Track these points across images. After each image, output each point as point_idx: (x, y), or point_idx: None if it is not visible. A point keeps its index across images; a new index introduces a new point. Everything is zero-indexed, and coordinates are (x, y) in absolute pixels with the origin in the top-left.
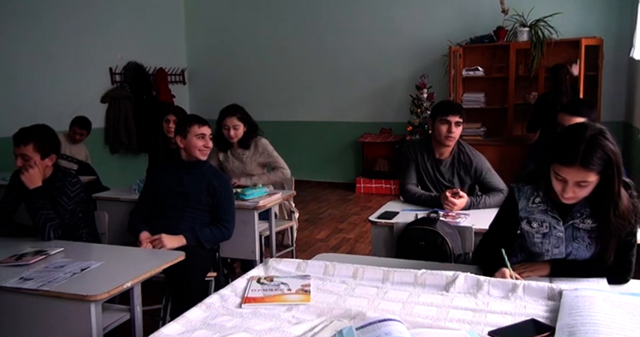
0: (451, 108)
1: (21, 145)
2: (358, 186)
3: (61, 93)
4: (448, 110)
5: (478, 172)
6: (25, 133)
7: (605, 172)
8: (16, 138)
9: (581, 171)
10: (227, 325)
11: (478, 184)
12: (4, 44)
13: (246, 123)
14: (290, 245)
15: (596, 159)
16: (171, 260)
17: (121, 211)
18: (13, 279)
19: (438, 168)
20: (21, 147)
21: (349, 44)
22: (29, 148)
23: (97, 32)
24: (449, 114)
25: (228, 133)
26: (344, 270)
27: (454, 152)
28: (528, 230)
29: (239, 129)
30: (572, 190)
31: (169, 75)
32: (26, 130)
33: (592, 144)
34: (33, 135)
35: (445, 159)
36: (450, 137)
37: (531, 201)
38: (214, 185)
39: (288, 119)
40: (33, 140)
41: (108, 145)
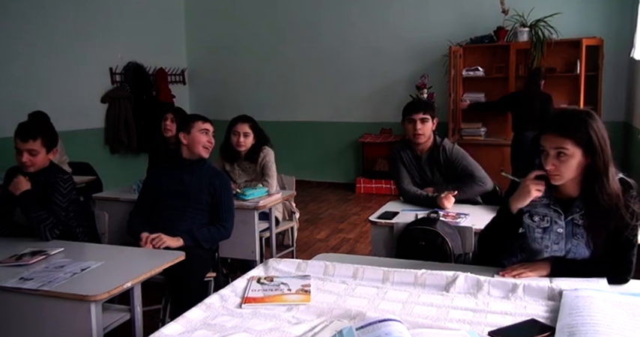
0: (414, 106)
1: (30, 141)
2: (358, 186)
3: (60, 93)
4: (412, 109)
5: (455, 163)
6: (32, 128)
7: (589, 150)
8: (23, 133)
9: (556, 138)
10: (227, 325)
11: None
12: (3, 43)
13: (256, 135)
14: (290, 245)
15: (572, 127)
16: (171, 260)
17: (121, 211)
18: (13, 279)
19: (419, 164)
20: (29, 143)
21: (349, 44)
22: (37, 143)
23: (97, 32)
24: (412, 113)
25: (238, 140)
26: (344, 270)
27: (431, 148)
28: (529, 224)
29: (249, 137)
30: (552, 162)
31: (169, 75)
32: (32, 125)
33: (571, 115)
34: (41, 130)
35: (423, 155)
36: (417, 134)
37: None
38: (215, 184)
39: (288, 119)
40: (41, 135)
41: (108, 145)
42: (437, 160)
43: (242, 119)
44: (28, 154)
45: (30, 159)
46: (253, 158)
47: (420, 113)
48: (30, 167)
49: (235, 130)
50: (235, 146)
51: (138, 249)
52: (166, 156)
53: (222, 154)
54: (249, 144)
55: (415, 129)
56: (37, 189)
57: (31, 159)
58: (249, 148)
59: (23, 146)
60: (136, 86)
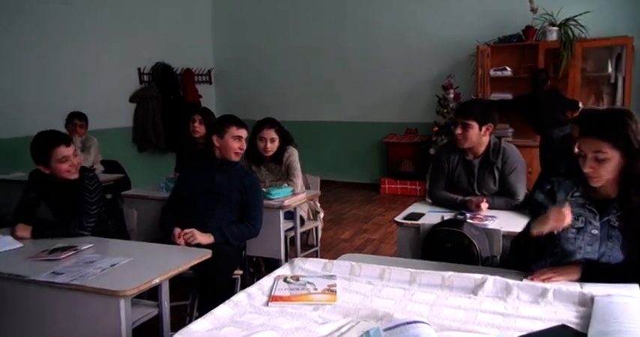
0: (458, 109)
1: (70, 143)
2: (383, 186)
3: (91, 93)
4: (456, 111)
5: (505, 173)
6: (63, 133)
7: (627, 152)
8: (65, 139)
9: (595, 141)
10: (254, 323)
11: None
12: (36, 45)
13: (281, 137)
14: (315, 245)
15: (610, 130)
16: (199, 257)
17: (149, 209)
18: (45, 273)
19: (470, 169)
20: (71, 145)
21: (375, 44)
22: (71, 148)
23: (127, 34)
24: (456, 115)
25: (265, 146)
26: (370, 271)
27: (485, 152)
28: None
29: (275, 142)
30: (590, 165)
31: (196, 75)
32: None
33: (609, 117)
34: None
35: (475, 160)
36: (458, 139)
37: (570, 195)
38: (245, 184)
39: (313, 119)
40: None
41: (136, 144)
42: (491, 167)
43: (268, 124)
44: (73, 158)
45: (74, 163)
46: (278, 158)
47: (460, 117)
48: (74, 173)
49: (262, 136)
50: (262, 152)
51: (166, 245)
52: (194, 156)
53: (247, 156)
54: (275, 148)
55: (456, 131)
56: (67, 191)
57: (77, 159)
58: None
59: (67, 151)
60: (164, 86)
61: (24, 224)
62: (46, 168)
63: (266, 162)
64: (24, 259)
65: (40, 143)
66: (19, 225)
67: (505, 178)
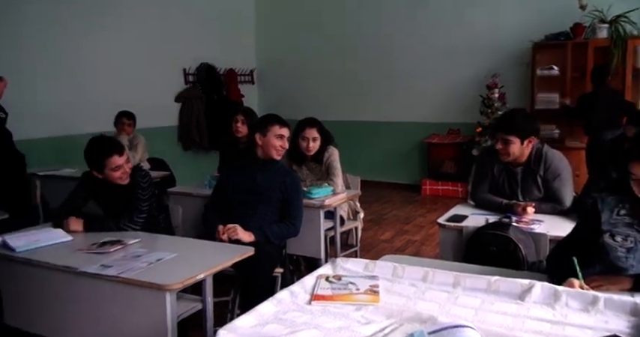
0: (498, 124)
1: (123, 152)
2: (424, 187)
3: (139, 92)
4: (496, 125)
5: (548, 179)
6: (116, 141)
7: None
8: (118, 148)
9: None
10: (297, 321)
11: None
12: (87, 48)
13: (323, 138)
14: (354, 245)
15: None
16: (242, 254)
17: (194, 206)
18: (94, 266)
19: (513, 177)
20: (124, 156)
21: (418, 43)
22: (124, 157)
23: (173, 35)
24: (495, 130)
25: (307, 145)
26: (413, 273)
27: (527, 160)
28: (611, 244)
29: (317, 141)
30: None
31: (239, 75)
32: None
33: None
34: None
35: (517, 168)
36: (500, 154)
37: (615, 213)
38: (286, 182)
39: (354, 119)
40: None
41: (181, 143)
42: (534, 175)
43: (310, 124)
44: (125, 165)
45: (126, 170)
46: (319, 158)
47: (501, 133)
48: (126, 179)
49: (304, 135)
50: (304, 151)
51: (210, 242)
52: (237, 156)
53: (289, 156)
54: (317, 147)
55: (497, 146)
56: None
57: (129, 166)
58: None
59: (120, 160)
60: (208, 86)
61: (75, 217)
62: (99, 173)
63: (307, 162)
64: (74, 252)
65: (94, 151)
66: (71, 219)
67: (549, 185)
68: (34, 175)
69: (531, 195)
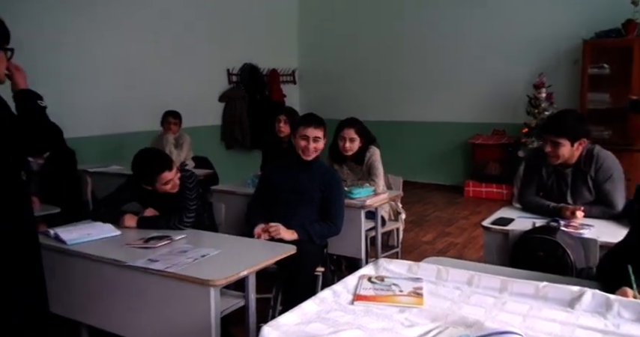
0: (546, 125)
1: (173, 166)
2: (467, 189)
3: (185, 92)
4: (544, 127)
5: (599, 181)
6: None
7: None
8: (169, 165)
9: None
10: (340, 320)
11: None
12: (135, 49)
13: (363, 138)
14: (395, 246)
15: None
16: (284, 252)
17: (237, 203)
18: (141, 260)
19: (563, 179)
20: (174, 168)
21: (461, 41)
22: (174, 170)
23: (218, 36)
24: (543, 131)
25: (344, 145)
26: (458, 276)
27: (577, 161)
28: None
29: (355, 142)
30: None
31: (281, 75)
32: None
33: None
34: (172, 161)
35: (567, 170)
36: (549, 156)
37: None
38: (326, 182)
39: (396, 119)
40: (173, 163)
41: (224, 142)
42: (584, 176)
43: (348, 124)
44: (175, 178)
45: (176, 183)
46: (360, 159)
47: (551, 135)
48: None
49: (342, 136)
50: (342, 151)
51: (253, 239)
52: (279, 155)
53: (330, 155)
54: (355, 148)
55: (545, 149)
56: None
57: (176, 182)
58: (355, 151)
59: (170, 175)
60: (251, 86)
61: (131, 215)
62: (148, 186)
63: (347, 162)
64: (122, 246)
65: (144, 167)
66: (127, 216)
67: (600, 187)
68: (85, 172)
69: (581, 198)
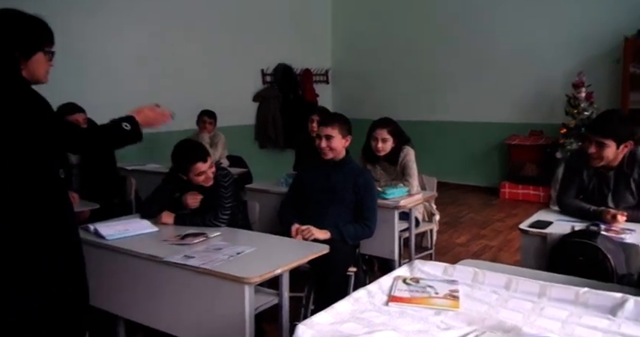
0: (592, 124)
1: (201, 162)
2: (503, 190)
3: (220, 92)
4: (590, 126)
5: None
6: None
7: None
8: (202, 155)
9: None
10: (375, 321)
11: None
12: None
13: (396, 138)
14: (429, 247)
15: None
16: (317, 252)
17: (270, 202)
18: (178, 256)
19: (605, 181)
20: (207, 164)
21: (496, 39)
22: (210, 161)
23: (252, 37)
24: (589, 131)
25: (376, 146)
26: (495, 279)
27: (620, 163)
28: None
29: (387, 142)
30: None
31: (314, 75)
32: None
33: None
34: (207, 152)
35: (610, 172)
36: (592, 158)
37: None
38: (359, 183)
39: (430, 119)
40: (208, 154)
41: (257, 141)
42: (627, 179)
43: (381, 124)
44: (209, 171)
45: (209, 176)
46: (394, 159)
47: (597, 135)
48: (209, 182)
49: (374, 136)
50: (375, 151)
51: (286, 238)
52: (312, 154)
53: (363, 155)
54: (387, 148)
55: (589, 150)
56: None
57: (212, 171)
58: (388, 151)
59: (203, 166)
60: (284, 86)
61: (168, 211)
62: (183, 175)
63: (381, 162)
64: (159, 242)
65: (180, 156)
66: (164, 213)
67: None
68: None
69: (623, 201)
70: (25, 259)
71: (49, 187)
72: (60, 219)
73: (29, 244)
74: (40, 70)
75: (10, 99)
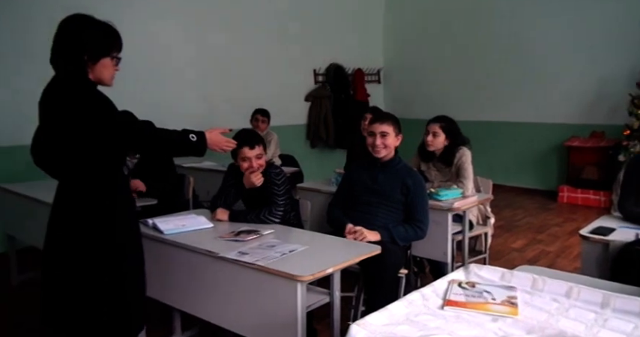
0: None
1: (256, 147)
2: (561, 194)
3: (273, 92)
4: None
5: None
6: (255, 138)
7: None
8: (251, 141)
9: None
10: (429, 325)
11: None
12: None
13: (449, 135)
14: (483, 251)
15: None
16: (368, 252)
17: (321, 201)
18: (232, 252)
19: None
20: (256, 149)
21: (555, 37)
22: (261, 147)
23: (305, 37)
24: None
25: (426, 138)
26: (555, 287)
27: None
28: None
29: (438, 137)
30: None
31: (366, 74)
32: (252, 133)
33: None
34: (261, 139)
35: None
36: None
37: None
38: (408, 184)
39: (484, 119)
40: (262, 142)
41: (309, 140)
42: None
43: (434, 119)
44: (256, 159)
45: (259, 163)
46: (448, 160)
47: None
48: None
49: (427, 129)
50: (425, 145)
51: (338, 238)
52: (364, 154)
53: (418, 153)
54: (437, 144)
55: None
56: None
57: (260, 163)
58: (442, 149)
59: (249, 153)
60: (336, 86)
61: (223, 208)
62: (235, 161)
63: (435, 162)
64: (214, 238)
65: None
66: (219, 209)
67: None
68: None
69: None
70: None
71: (115, 183)
72: (124, 213)
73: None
74: (105, 74)
75: (79, 99)
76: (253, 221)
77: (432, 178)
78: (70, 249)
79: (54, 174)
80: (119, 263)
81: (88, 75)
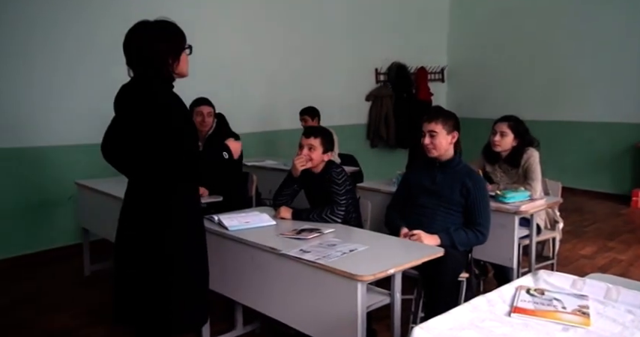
0: None
1: (311, 137)
2: (634, 199)
3: (332, 91)
4: None
5: None
6: (315, 129)
7: None
8: (308, 131)
9: None
10: (496, 331)
11: None
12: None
13: (517, 135)
14: (550, 257)
15: None
16: (430, 254)
17: (381, 201)
18: (294, 250)
19: None
20: (311, 139)
21: (630, 32)
22: (318, 141)
23: (366, 36)
24: None
25: (493, 138)
26: (630, 297)
27: None
28: None
29: (506, 137)
30: None
31: (429, 73)
32: (318, 128)
33: None
34: (322, 132)
35: None
36: None
37: None
38: (468, 185)
39: (552, 118)
40: (321, 135)
41: (369, 140)
42: None
43: (502, 118)
44: (307, 149)
45: (308, 153)
46: (515, 161)
47: None
48: (308, 161)
49: (494, 129)
50: (491, 145)
51: (399, 239)
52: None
53: (483, 154)
54: (505, 145)
55: None
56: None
57: (309, 153)
58: (509, 150)
59: (306, 141)
60: (398, 85)
61: (286, 206)
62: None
63: (501, 163)
64: (277, 235)
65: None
66: (283, 207)
67: None
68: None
69: None
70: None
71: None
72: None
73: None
74: (184, 66)
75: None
76: (315, 220)
77: (498, 180)
78: (139, 246)
79: (123, 170)
80: (185, 259)
81: (165, 74)
